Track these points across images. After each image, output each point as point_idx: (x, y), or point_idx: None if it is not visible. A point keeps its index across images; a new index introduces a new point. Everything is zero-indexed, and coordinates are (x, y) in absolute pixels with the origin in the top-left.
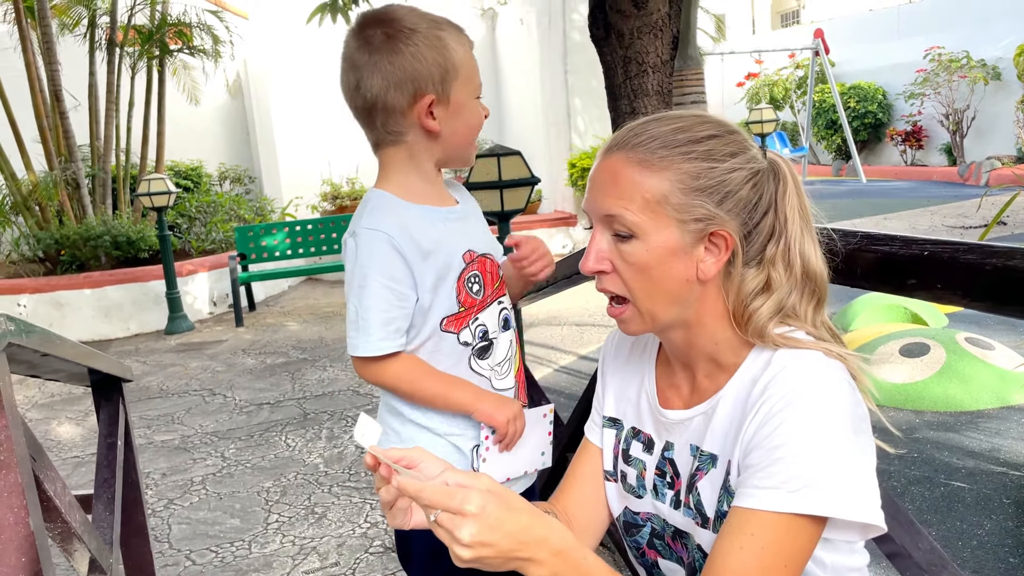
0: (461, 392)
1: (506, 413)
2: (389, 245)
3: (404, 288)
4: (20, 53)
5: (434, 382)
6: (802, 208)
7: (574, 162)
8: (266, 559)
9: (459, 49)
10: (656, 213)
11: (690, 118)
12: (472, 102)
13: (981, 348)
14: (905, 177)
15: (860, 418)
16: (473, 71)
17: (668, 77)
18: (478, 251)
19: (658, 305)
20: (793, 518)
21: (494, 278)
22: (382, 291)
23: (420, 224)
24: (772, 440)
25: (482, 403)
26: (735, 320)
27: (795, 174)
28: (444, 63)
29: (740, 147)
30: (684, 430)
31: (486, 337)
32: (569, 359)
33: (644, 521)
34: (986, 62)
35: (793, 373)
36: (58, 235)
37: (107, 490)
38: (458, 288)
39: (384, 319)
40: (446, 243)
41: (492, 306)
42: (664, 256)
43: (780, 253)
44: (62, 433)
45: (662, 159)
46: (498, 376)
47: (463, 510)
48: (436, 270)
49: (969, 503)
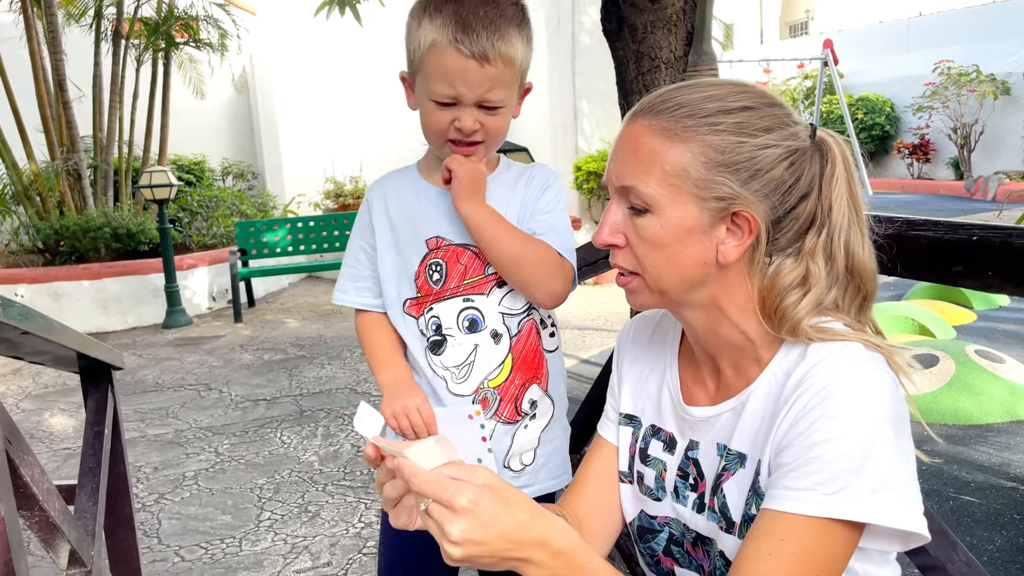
0: (380, 369)
1: (393, 404)
2: (367, 209)
3: (373, 252)
4: (25, 42)
5: (369, 349)
6: (852, 195)
7: (580, 165)
8: (257, 557)
9: (425, 41)
10: (674, 187)
11: (727, 86)
12: (426, 101)
13: (991, 361)
14: (912, 190)
15: (902, 417)
16: (433, 73)
17: (681, 73)
18: (453, 240)
19: (670, 283)
20: (828, 523)
21: (468, 272)
22: (356, 250)
23: (403, 197)
24: (807, 438)
25: (387, 387)
26: (763, 313)
27: (847, 156)
28: (412, 48)
29: (779, 122)
30: (710, 428)
31: (440, 332)
32: (571, 363)
33: (662, 526)
34: (995, 77)
35: (831, 365)
36: (58, 226)
37: (91, 480)
38: (418, 271)
39: (351, 274)
40: (416, 222)
41: (452, 301)
42: (679, 234)
43: (822, 244)
44: (55, 424)
45: (686, 129)
46: (455, 379)
47: (454, 503)
48: (398, 245)
49: (979, 518)
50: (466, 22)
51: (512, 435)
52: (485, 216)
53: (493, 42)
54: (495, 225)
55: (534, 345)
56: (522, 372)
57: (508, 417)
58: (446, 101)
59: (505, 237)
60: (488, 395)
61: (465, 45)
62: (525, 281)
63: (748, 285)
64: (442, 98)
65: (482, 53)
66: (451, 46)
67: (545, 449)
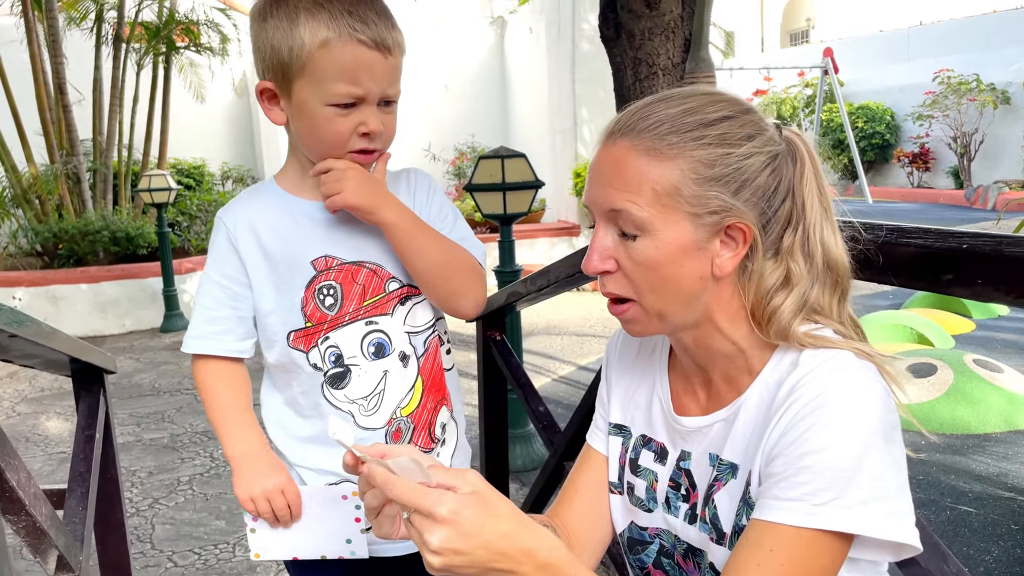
0: (228, 435)
1: (251, 487)
2: (226, 239)
3: (237, 287)
4: (26, 45)
5: (215, 411)
6: (821, 191)
7: (579, 171)
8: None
9: (311, 40)
10: (667, 207)
11: (700, 97)
12: (321, 108)
13: (989, 370)
14: (911, 199)
15: (893, 427)
16: (330, 73)
17: (679, 80)
18: (344, 258)
19: (668, 306)
20: (818, 534)
21: (368, 293)
22: (212, 287)
23: (273, 219)
24: (798, 447)
25: (238, 461)
26: (754, 320)
27: (813, 153)
28: (285, 51)
29: (756, 128)
30: (702, 438)
31: (340, 362)
32: (568, 369)
33: (652, 537)
34: (995, 86)
35: (822, 375)
36: (57, 229)
37: (81, 485)
38: (304, 298)
39: (207, 316)
40: (295, 244)
41: (353, 326)
42: (676, 253)
43: (799, 242)
44: (50, 428)
45: (671, 146)
46: (363, 412)
47: (435, 512)
48: (277, 272)
49: (976, 528)
50: (359, 13)
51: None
52: (411, 221)
53: (388, 30)
54: (423, 230)
55: (440, 364)
56: (433, 394)
57: (423, 446)
58: (349, 102)
59: (434, 243)
60: (401, 425)
61: (367, 36)
62: (453, 291)
63: (740, 294)
64: (345, 99)
65: (383, 43)
66: (351, 39)
67: None
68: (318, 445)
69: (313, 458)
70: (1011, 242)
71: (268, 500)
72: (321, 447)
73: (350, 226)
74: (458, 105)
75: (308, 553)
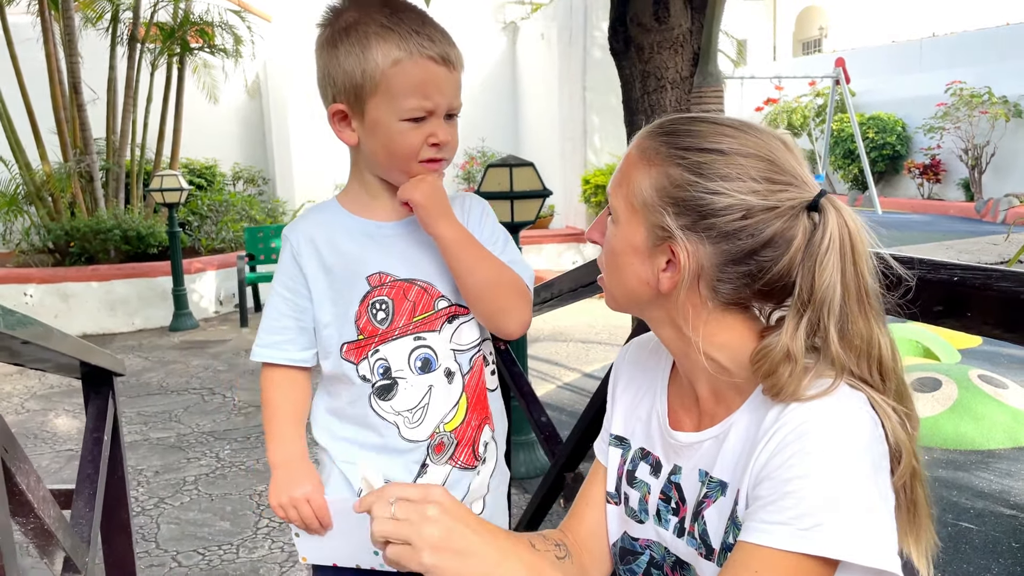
0: (272, 441)
1: (280, 495)
2: (290, 254)
3: (299, 300)
4: (42, 44)
5: (267, 419)
6: (846, 274)
7: (588, 178)
8: (253, 565)
9: (384, 60)
10: (631, 206)
11: (718, 127)
12: (395, 123)
13: (994, 387)
14: (921, 210)
15: (880, 455)
16: (403, 89)
17: (687, 94)
18: (397, 275)
19: (619, 292)
20: (802, 558)
21: (418, 309)
22: (277, 299)
23: (334, 236)
24: (783, 472)
25: (276, 468)
26: (753, 364)
27: (857, 236)
28: (358, 74)
29: (748, 174)
30: (693, 453)
31: (388, 375)
32: (573, 376)
33: (643, 548)
34: (1008, 99)
35: (811, 401)
36: (69, 227)
37: (89, 486)
38: (359, 312)
39: (272, 327)
40: (354, 260)
41: (402, 340)
42: (626, 249)
43: (807, 322)
44: (59, 425)
45: (658, 155)
46: (408, 424)
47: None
48: (335, 287)
49: (977, 545)
50: (425, 32)
51: (469, 482)
52: (464, 236)
53: (451, 47)
54: (475, 246)
55: (484, 383)
56: (477, 412)
57: (466, 462)
58: (420, 116)
59: (485, 260)
60: (444, 439)
61: (435, 52)
62: (500, 309)
63: (708, 318)
64: (417, 112)
65: (448, 58)
66: (421, 56)
67: (493, 496)
68: (359, 448)
69: (354, 458)
70: (1000, 276)
71: (296, 507)
72: (361, 450)
73: (405, 245)
74: (469, 109)
75: (345, 560)
